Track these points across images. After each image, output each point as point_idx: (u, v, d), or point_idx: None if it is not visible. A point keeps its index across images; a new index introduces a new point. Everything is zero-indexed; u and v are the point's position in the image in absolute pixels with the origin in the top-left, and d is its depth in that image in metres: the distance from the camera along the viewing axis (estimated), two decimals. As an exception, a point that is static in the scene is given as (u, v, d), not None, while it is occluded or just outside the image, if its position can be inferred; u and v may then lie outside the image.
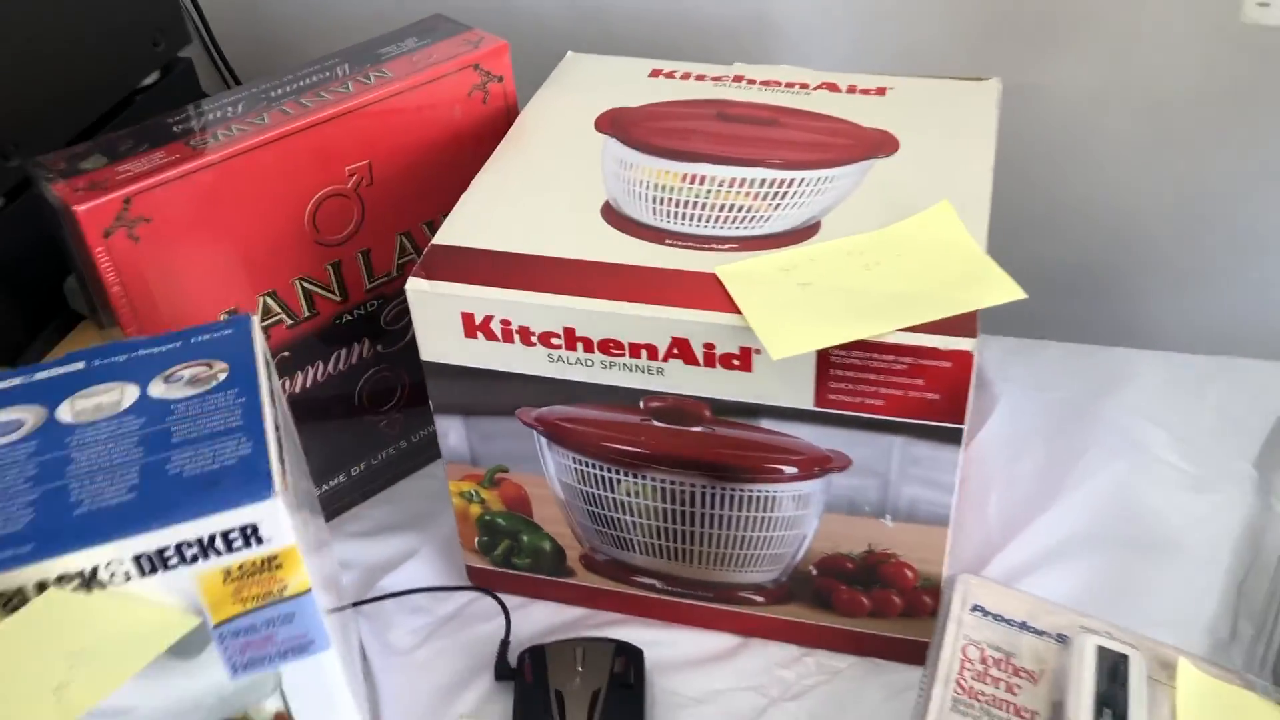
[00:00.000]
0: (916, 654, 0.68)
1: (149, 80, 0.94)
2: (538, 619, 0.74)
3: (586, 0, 0.98)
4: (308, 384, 0.76)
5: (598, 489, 0.67)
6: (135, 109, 0.92)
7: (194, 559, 0.50)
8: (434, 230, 0.77)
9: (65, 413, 0.54)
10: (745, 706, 0.68)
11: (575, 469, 0.67)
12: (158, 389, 0.55)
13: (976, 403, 0.86)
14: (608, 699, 0.66)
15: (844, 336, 0.56)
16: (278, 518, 0.50)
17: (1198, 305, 0.96)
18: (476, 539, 0.73)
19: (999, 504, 0.79)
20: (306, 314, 0.74)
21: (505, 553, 0.73)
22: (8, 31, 0.79)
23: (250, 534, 0.50)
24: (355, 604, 0.74)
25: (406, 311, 0.79)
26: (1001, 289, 0.59)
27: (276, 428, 0.54)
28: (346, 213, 0.73)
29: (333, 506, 0.82)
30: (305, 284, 0.73)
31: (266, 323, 0.72)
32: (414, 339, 0.65)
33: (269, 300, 0.72)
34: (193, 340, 0.58)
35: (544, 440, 0.66)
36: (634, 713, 0.66)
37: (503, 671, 0.69)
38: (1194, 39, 0.87)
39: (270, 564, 0.51)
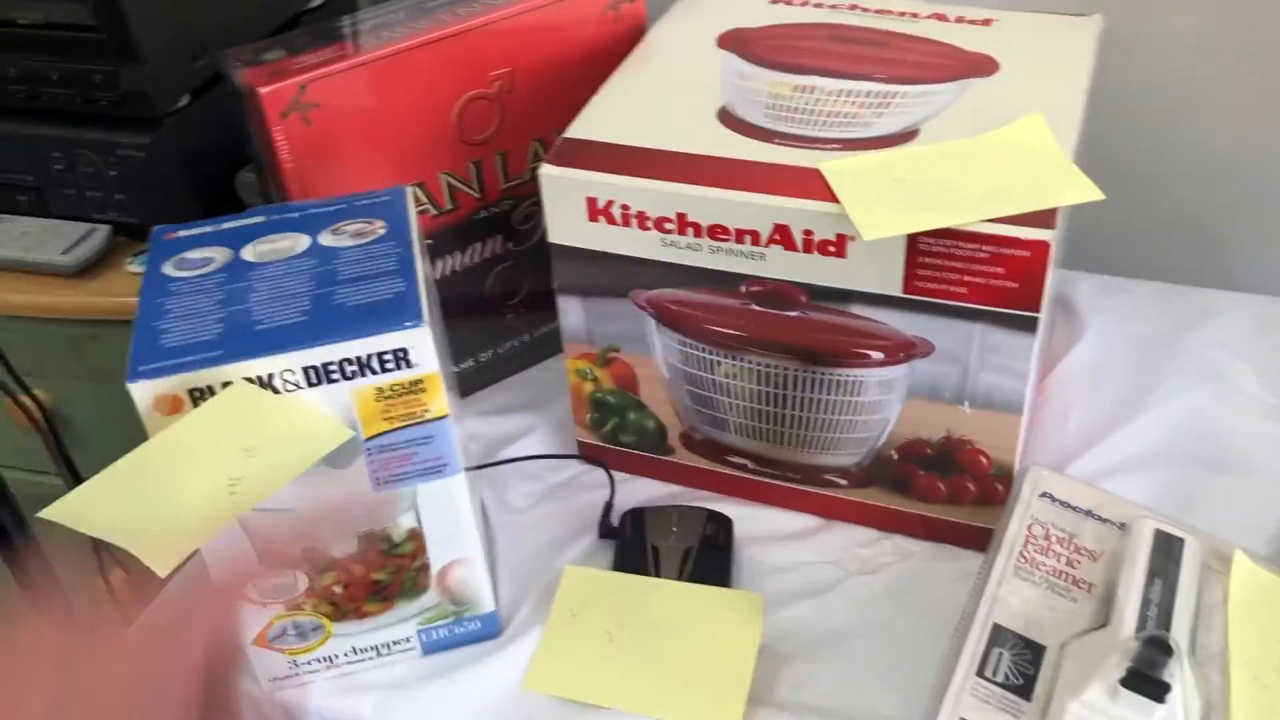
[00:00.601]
0: (986, 542, 0.73)
1: (315, 2, 1.04)
2: (639, 492, 0.81)
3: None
4: (446, 272, 0.85)
5: (699, 370, 0.74)
6: (304, 22, 1.02)
7: (353, 375, 0.58)
8: (565, 137, 0.85)
9: (249, 253, 0.63)
10: (824, 577, 0.74)
11: (680, 350, 0.74)
12: (327, 239, 0.63)
13: (1064, 330, 0.90)
14: (699, 556, 0.73)
15: (932, 223, 0.62)
16: (425, 344, 0.58)
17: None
18: (588, 415, 0.81)
19: (1079, 422, 0.83)
20: (449, 206, 0.82)
21: (613, 429, 0.81)
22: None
23: (401, 357, 0.58)
24: (479, 467, 0.82)
25: (536, 213, 0.87)
26: (1081, 190, 0.64)
27: (424, 278, 0.62)
28: (488, 115, 0.81)
29: (463, 388, 0.90)
30: (449, 179, 0.81)
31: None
32: (542, 240, 0.72)
33: (417, 190, 0.80)
34: (357, 203, 0.66)
35: (654, 321, 0.74)
36: (722, 570, 0.73)
37: (606, 530, 0.77)
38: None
39: (416, 386, 0.59)
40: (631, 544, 0.74)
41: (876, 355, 0.69)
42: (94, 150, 0.88)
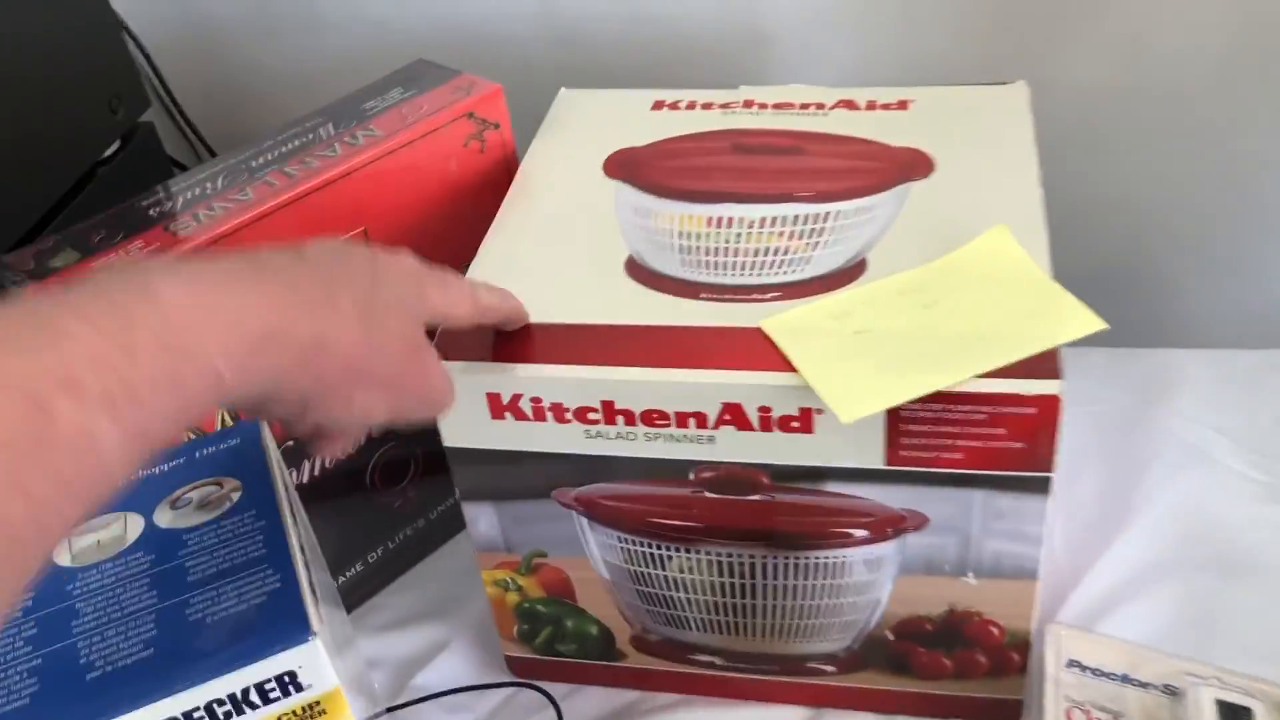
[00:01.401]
0: (1005, 713, 0.63)
1: (110, 151, 0.88)
2: (589, 706, 0.68)
3: (568, 28, 0.93)
4: (315, 472, 0.71)
5: (647, 567, 0.62)
6: (98, 183, 0.86)
7: (227, 717, 0.44)
8: (438, 295, 0.71)
9: (62, 554, 0.48)
10: (825, 784, 0.63)
11: (621, 548, 0.62)
12: (165, 517, 0.49)
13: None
14: (680, 796, 0.60)
15: (916, 390, 0.51)
16: (318, 661, 0.44)
17: (1239, 297, 0.92)
18: (516, 627, 0.68)
19: (1064, 532, 0.74)
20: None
21: (548, 639, 0.68)
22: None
23: (289, 682, 0.44)
24: (390, 709, 0.68)
25: (414, 383, 0.73)
26: (1080, 320, 0.54)
27: (302, 549, 0.48)
28: (344, 286, 0.67)
29: (352, 597, 0.76)
30: (305, 367, 0.67)
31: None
32: None
33: (268, 389, 0.66)
34: (197, 455, 0.52)
35: (585, 521, 0.61)
36: (710, 808, 0.60)
37: (560, 772, 0.64)
38: (1213, 20, 0.83)
39: (313, 711, 0.45)
40: (596, 792, 0.61)
41: (860, 533, 0.58)
42: None
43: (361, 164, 0.65)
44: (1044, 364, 0.51)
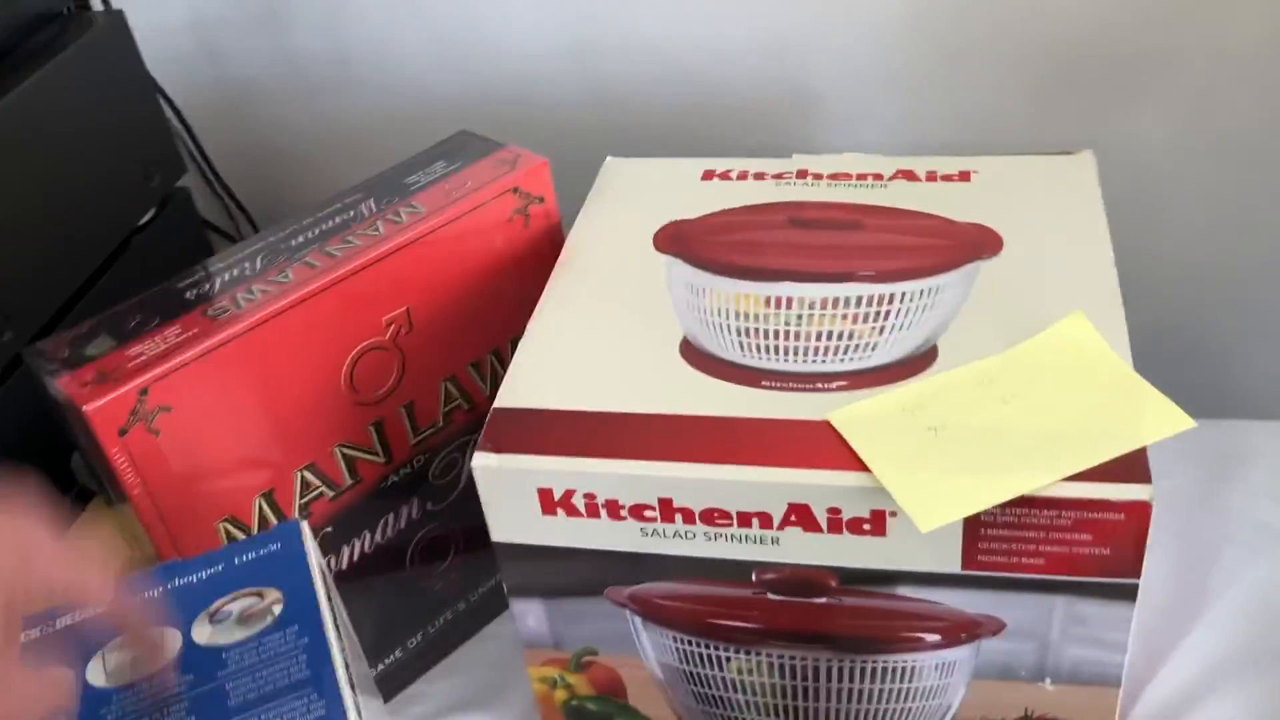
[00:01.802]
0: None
1: (145, 218, 0.86)
2: (639, 806, 0.65)
3: (609, 91, 0.91)
4: (354, 558, 0.68)
5: (704, 668, 0.59)
6: (133, 252, 0.84)
7: None
8: (482, 372, 0.69)
9: (96, 674, 0.45)
10: None
11: (676, 648, 0.59)
12: (203, 632, 0.46)
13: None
14: None
15: (998, 496, 0.48)
16: (366, 796, 0.41)
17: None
18: (563, 724, 0.65)
19: (1138, 626, 0.70)
20: (349, 482, 0.66)
21: (597, 737, 0.65)
22: (-11, 190, 0.71)
23: (336, 819, 0.41)
24: (432, 809, 0.65)
25: (456, 462, 0.70)
26: (1168, 418, 0.51)
27: (346, 665, 0.45)
28: (386, 366, 0.65)
29: (390, 684, 0.73)
30: (346, 450, 0.65)
31: (306, 498, 0.64)
32: (466, 489, 0.57)
33: (307, 474, 0.64)
34: (236, 561, 0.49)
35: (639, 620, 0.58)
36: None
37: None
38: (1272, 81, 0.80)
39: (359, 847, 0.43)
40: None
41: (932, 638, 0.55)
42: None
43: (405, 242, 0.63)
44: (1133, 466, 0.49)
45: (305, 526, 0.51)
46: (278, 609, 0.47)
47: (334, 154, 0.96)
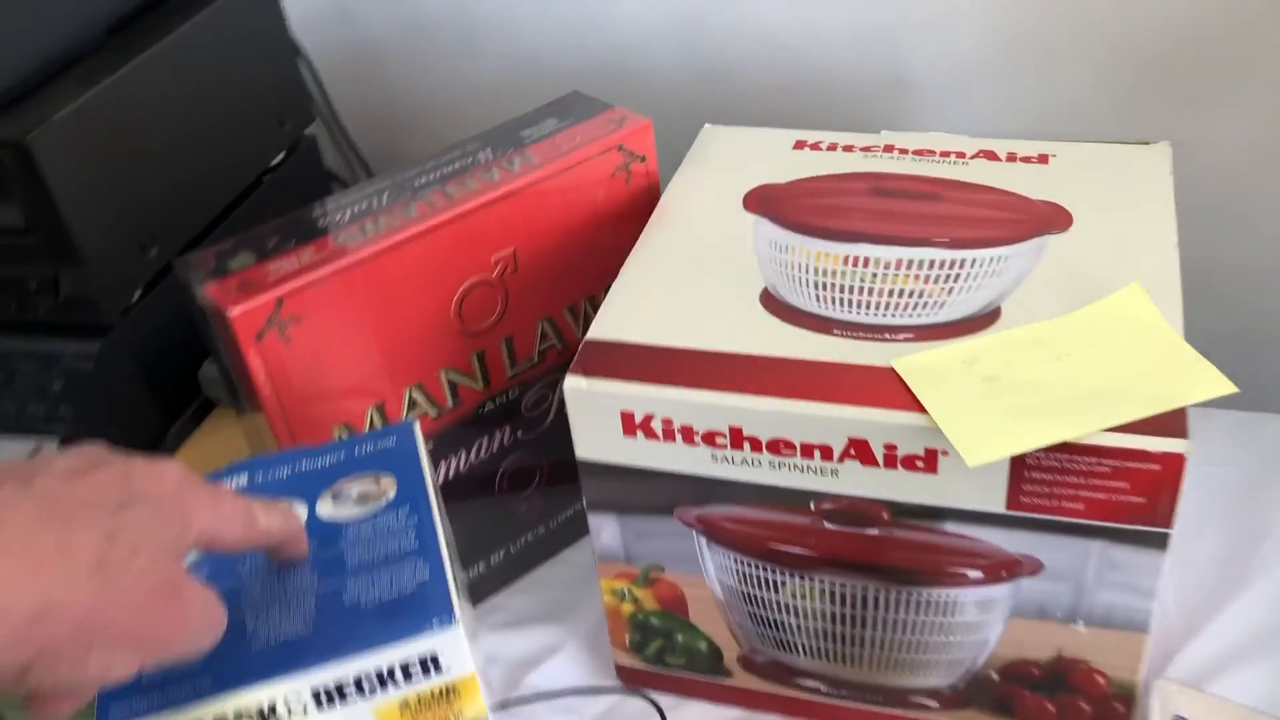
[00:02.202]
0: (1107, 763, 0.63)
1: (276, 160, 0.94)
2: (692, 718, 0.70)
3: (712, 65, 0.96)
4: (450, 473, 0.74)
5: (761, 590, 0.64)
6: (264, 190, 0.92)
7: (372, 691, 0.47)
8: (576, 316, 0.75)
9: (233, 534, 0.52)
10: (923, 820, 0.64)
11: (737, 570, 0.64)
12: (326, 508, 0.53)
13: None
14: (779, 814, 0.62)
15: (1044, 439, 0.52)
16: (458, 646, 0.48)
17: (1375, 368, 0.90)
18: (628, 637, 0.70)
19: (1179, 588, 0.74)
20: (451, 404, 0.72)
21: (658, 651, 0.70)
22: (145, 125, 0.79)
23: (430, 663, 0.47)
24: (504, 705, 0.71)
25: (547, 396, 0.76)
26: (1210, 382, 0.54)
27: (447, 544, 0.52)
28: (491, 301, 0.71)
29: (474, 595, 0.79)
30: (450, 375, 0.71)
31: (411, 415, 0.71)
32: (554, 423, 0.63)
33: (415, 393, 0.70)
34: (356, 451, 0.56)
35: (704, 540, 0.64)
36: (807, 829, 0.62)
37: (663, 779, 0.66)
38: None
39: (448, 693, 0.49)
40: (698, 803, 0.64)
41: (974, 574, 0.59)
42: (35, 362, 0.77)
43: (515, 189, 0.69)
44: (1171, 422, 0.52)
45: (417, 426, 0.57)
46: (391, 492, 0.53)
47: (452, 114, 1.02)
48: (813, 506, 0.60)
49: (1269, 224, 0.89)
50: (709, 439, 0.59)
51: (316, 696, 0.47)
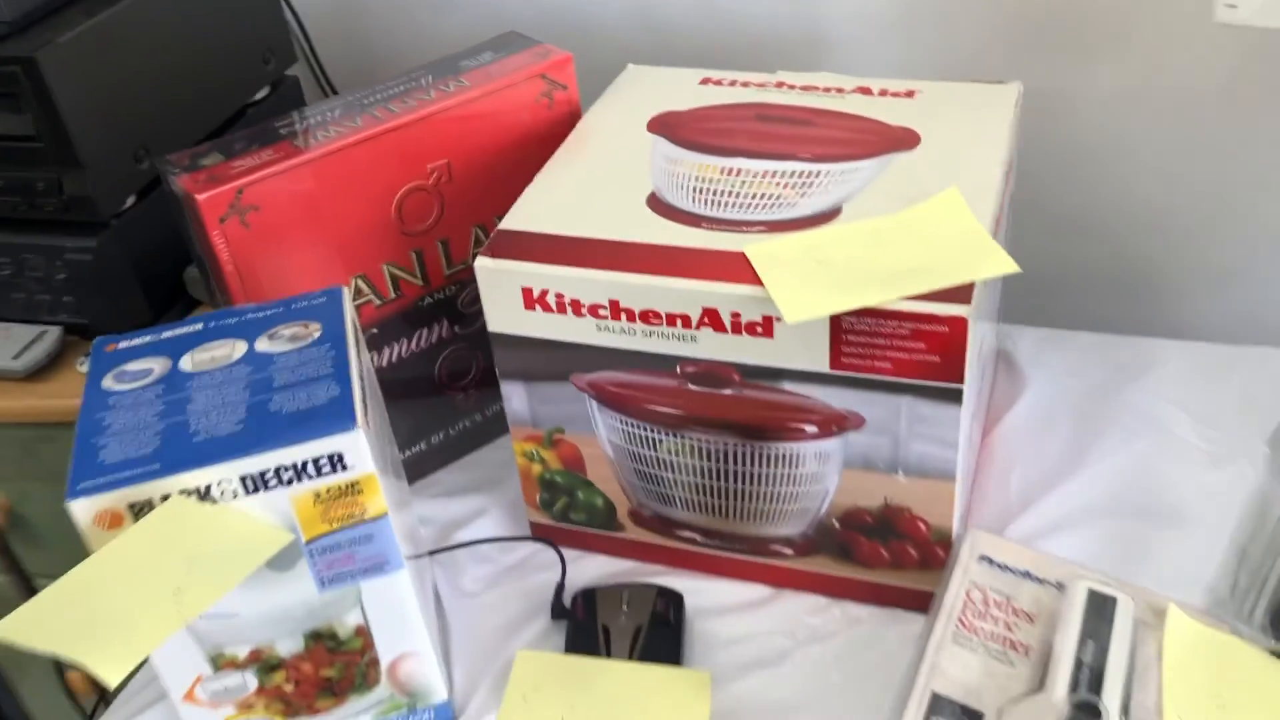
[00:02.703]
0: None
1: (260, 95, 1.06)
2: (592, 569, 0.82)
3: (649, 15, 1.07)
4: (393, 359, 0.86)
5: (642, 448, 0.76)
6: (247, 121, 1.04)
7: (290, 481, 0.59)
8: (505, 222, 0.87)
9: (187, 363, 0.64)
10: (775, 647, 0.75)
11: (622, 429, 0.75)
12: (263, 344, 0.65)
13: (1006, 385, 0.92)
14: (649, 635, 0.74)
15: (851, 304, 0.63)
16: (359, 447, 0.59)
17: (1225, 298, 1.00)
18: (538, 495, 0.82)
19: (1020, 478, 0.84)
20: (393, 295, 0.84)
21: (563, 509, 0.82)
22: (142, 52, 0.91)
23: (337, 461, 0.59)
24: (431, 552, 0.83)
25: (479, 297, 0.88)
26: (997, 263, 0.65)
27: (360, 378, 0.63)
28: (428, 206, 0.82)
29: (414, 471, 0.91)
30: (392, 269, 0.83)
31: (358, 302, 0.82)
32: (485, 322, 0.74)
33: (360, 282, 0.82)
34: (293, 306, 0.68)
35: (594, 403, 0.75)
36: (672, 648, 0.74)
37: (558, 611, 0.78)
38: (1221, 40, 0.92)
39: (353, 489, 0.60)
40: (583, 625, 0.75)
41: (810, 429, 0.70)
42: (41, 255, 0.89)
43: (450, 106, 0.80)
44: (959, 293, 0.64)
45: (346, 292, 0.69)
46: (316, 334, 0.65)
47: (425, 58, 1.13)
48: (678, 370, 0.71)
49: (1141, 166, 1.00)
50: (593, 311, 0.70)
51: (244, 481, 0.58)
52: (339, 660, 0.66)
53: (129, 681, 0.79)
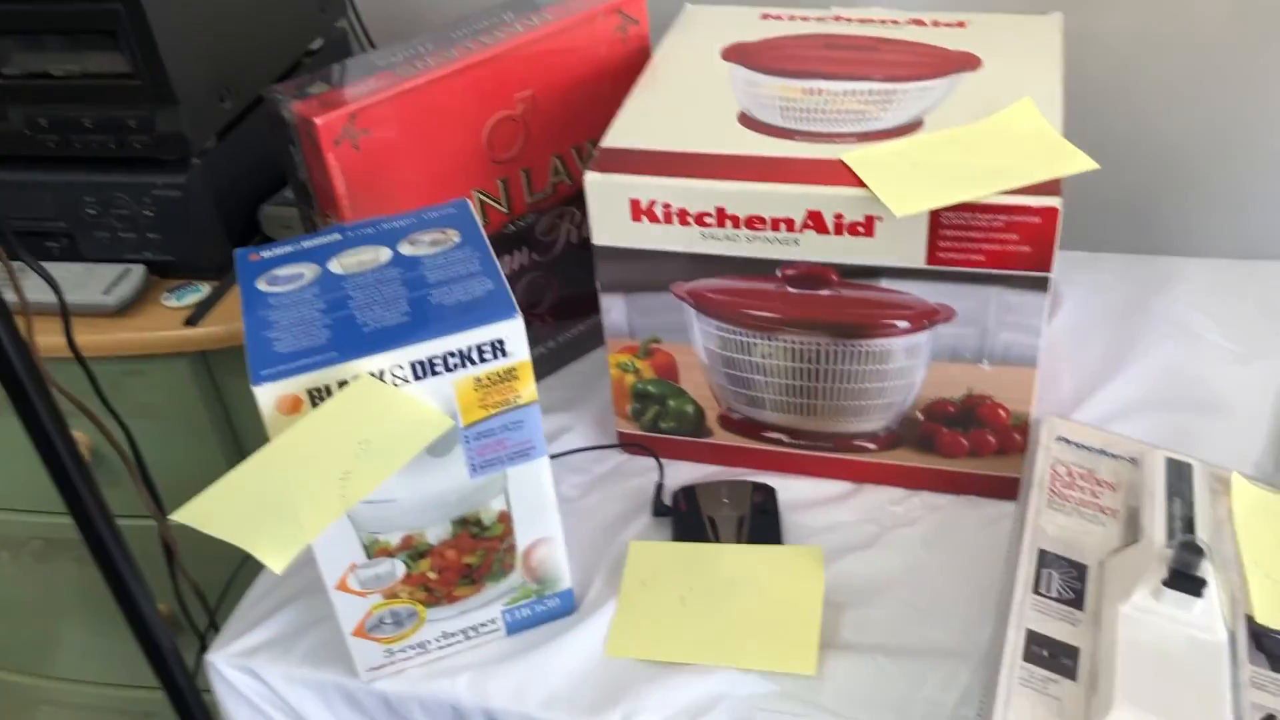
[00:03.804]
0: (1008, 489, 0.81)
1: (314, 45, 1.09)
2: (679, 474, 0.87)
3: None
4: (478, 284, 0.90)
5: (737, 353, 0.81)
6: (303, 70, 1.07)
7: (454, 367, 0.63)
8: (582, 155, 0.91)
9: (336, 267, 0.68)
10: (863, 533, 0.81)
11: (719, 335, 0.80)
12: (406, 249, 0.69)
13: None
14: (753, 522, 0.79)
15: (953, 198, 0.69)
16: (519, 334, 0.64)
17: (1235, 219, 1.08)
18: (630, 406, 0.87)
19: (1070, 381, 0.91)
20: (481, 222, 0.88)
21: (654, 417, 0.87)
22: (222, 2, 0.94)
23: (497, 347, 0.64)
24: (527, 463, 0.87)
25: (557, 225, 0.93)
26: (1078, 161, 0.72)
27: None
28: (514, 135, 0.87)
29: (494, 395, 0.95)
30: (481, 196, 0.87)
31: (449, 228, 0.86)
32: (563, 250, 0.78)
33: (452, 208, 0.86)
34: (426, 216, 0.72)
35: (693, 311, 0.80)
36: (774, 533, 0.79)
37: (660, 509, 0.83)
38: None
39: (510, 374, 0.65)
40: (688, 517, 0.80)
41: (903, 324, 0.76)
42: (128, 193, 0.91)
43: (538, 38, 0.85)
44: (1048, 187, 0.70)
45: (470, 202, 0.73)
46: (456, 239, 0.69)
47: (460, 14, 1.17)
48: (779, 273, 0.76)
49: (1150, 99, 1.07)
50: (699, 219, 0.75)
51: (414, 367, 0.63)
52: (481, 547, 0.71)
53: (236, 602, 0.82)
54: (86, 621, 1.18)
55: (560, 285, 0.95)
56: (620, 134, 0.79)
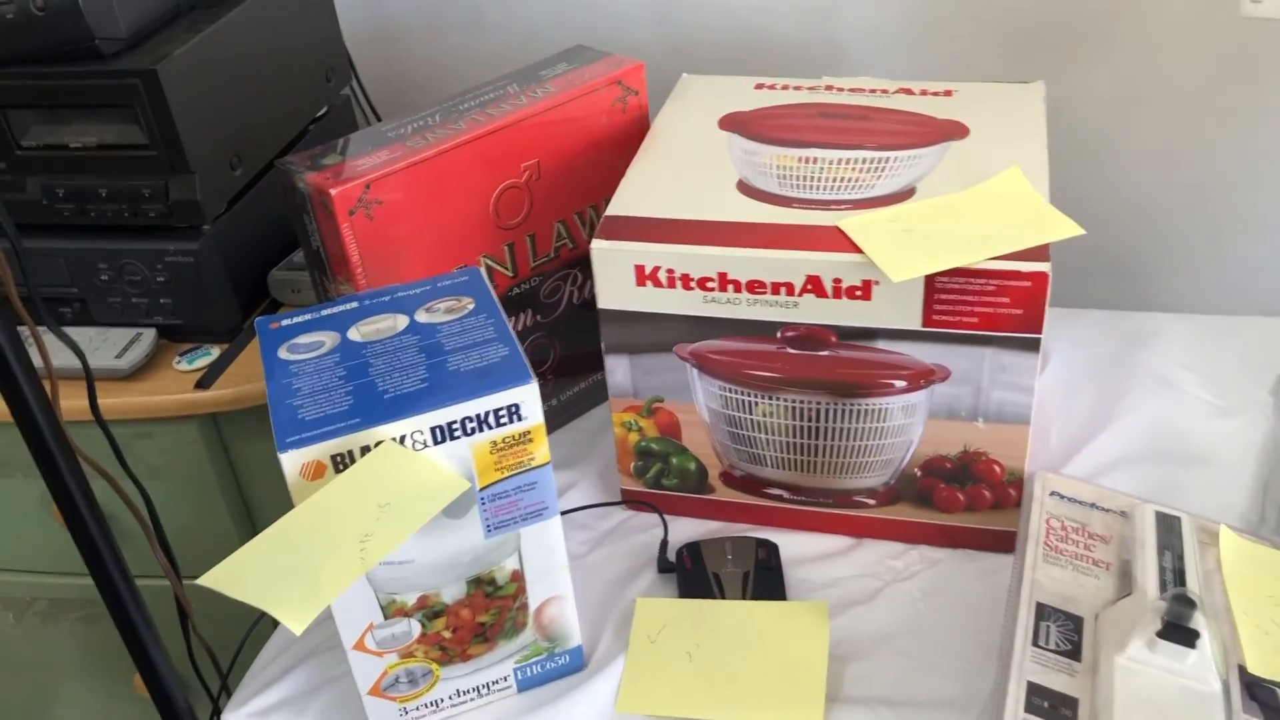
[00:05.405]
0: (1003, 543, 0.83)
1: (320, 112, 1.12)
2: (683, 530, 0.89)
3: (680, 30, 1.16)
4: (484, 346, 0.92)
5: (739, 411, 0.83)
6: (309, 138, 1.10)
7: (472, 431, 0.65)
8: (585, 220, 0.94)
9: (355, 335, 0.70)
10: (864, 588, 0.83)
11: (721, 395, 0.83)
12: (423, 316, 0.71)
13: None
14: (757, 578, 0.81)
15: (947, 264, 0.72)
16: (534, 399, 0.66)
17: (1211, 276, 1.12)
18: (633, 463, 0.89)
19: (1059, 435, 0.94)
20: (487, 286, 0.91)
21: (657, 474, 0.89)
22: (237, 66, 0.97)
23: (513, 411, 0.66)
24: (534, 521, 0.89)
25: (560, 287, 0.95)
26: (1065, 227, 0.75)
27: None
28: (520, 202, 0.90)
29: (498, 454, 0.97)
30: (488, 260, 0.90)
31: (457, 292, 0.89)
32: (565, 311, 0.80)
33: (460, 273, 0.88)
34: (440, 284, 0.74)
35: (695, 371, 0.82)
36: (778, 589, 0.81)
37: (665, 565, 0.85)
38: (1199, 48, 1.04)
39: (524, 437, 0.67)
40: (694, 574, 0.82)
41: (900, 384, 0.79)
42: (140, 259, 0.93)
43: (540, 110, 0.88)
44: (1037, 252, 0.73)
45: (481, 270, 0.76)
46: (470, 306, 0.71)
47: (461, 83, 1.21)
48: (779, 335, 0.79)
49: (1126, 161, 1.11)
50: (701, 284, 0.78)
51: (434, 432, 0.65)
52: (494, 605, 0.72)
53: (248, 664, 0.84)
54: (91, 682, 1.18)
55: (563, 345, 0.98)
56: (624, 202, 0.82)
